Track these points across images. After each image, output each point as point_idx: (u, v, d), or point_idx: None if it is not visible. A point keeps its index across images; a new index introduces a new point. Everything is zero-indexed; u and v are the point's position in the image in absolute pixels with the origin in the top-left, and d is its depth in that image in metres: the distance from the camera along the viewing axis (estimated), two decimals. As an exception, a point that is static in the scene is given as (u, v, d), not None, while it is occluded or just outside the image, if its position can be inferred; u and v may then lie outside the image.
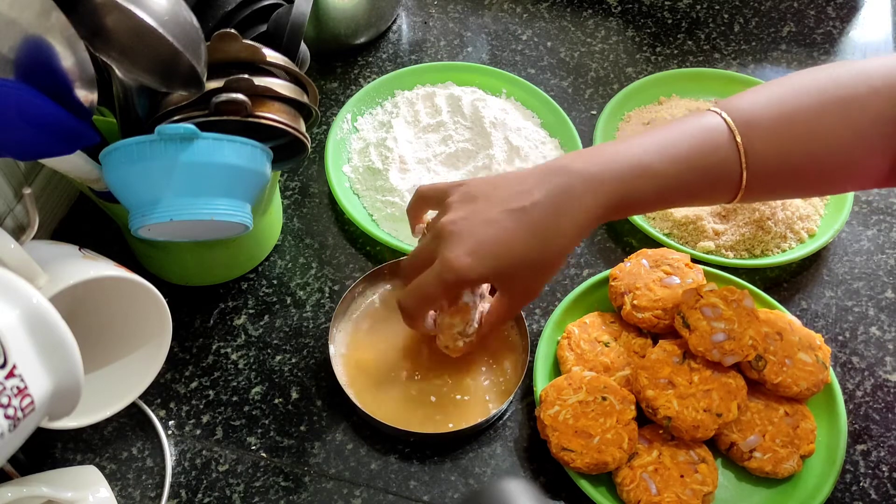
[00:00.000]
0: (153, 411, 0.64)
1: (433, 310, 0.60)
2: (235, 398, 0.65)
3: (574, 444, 0.59)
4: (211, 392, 0.66)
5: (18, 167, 0.67)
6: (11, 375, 0.38)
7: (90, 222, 0.75)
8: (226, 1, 0.56)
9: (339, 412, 0.64)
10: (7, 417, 0.38)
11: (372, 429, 0.63)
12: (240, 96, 0.52)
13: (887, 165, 0.53)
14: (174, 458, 0.62)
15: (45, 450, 0.62)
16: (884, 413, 0.65)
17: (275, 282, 0.72)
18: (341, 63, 0.90)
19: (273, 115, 0.54)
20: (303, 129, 0.57)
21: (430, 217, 0.60)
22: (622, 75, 0.89)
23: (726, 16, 0.96)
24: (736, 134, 0.52)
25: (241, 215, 0.55)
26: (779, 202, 0.74)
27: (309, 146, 0.59)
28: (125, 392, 0.57)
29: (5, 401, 0.37)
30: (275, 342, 0.69)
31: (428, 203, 0.60)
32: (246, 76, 0.52)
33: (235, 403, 0.65)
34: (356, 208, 0.75)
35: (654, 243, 0.73)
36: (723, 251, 0.73)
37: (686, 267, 0.68)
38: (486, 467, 0.62)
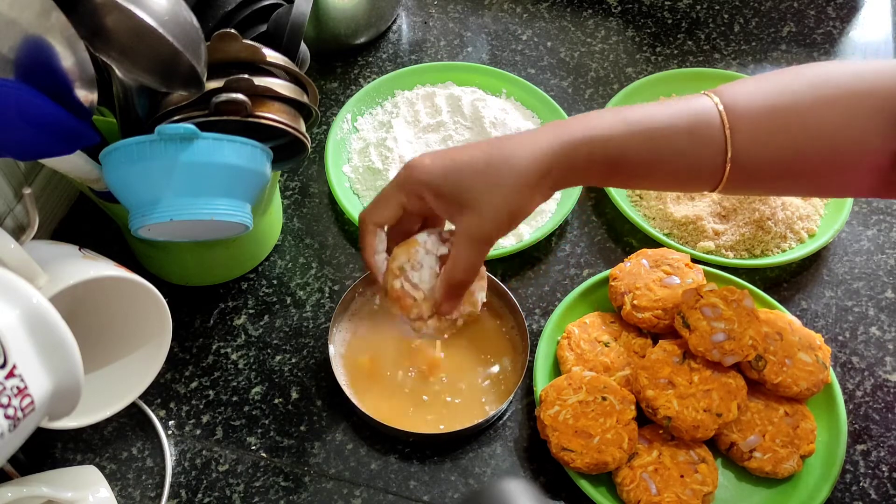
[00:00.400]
0: (153, 411, 0.64)
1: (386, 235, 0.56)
2: (235, 398, 0.65)
3: (574, 444, 0.59)
4: (211, 392, 0.66)
5: (18, 167, 0.67)
6: (11, 375, 0.38)
7: (90, 222, 0.75)
8: (226, 1, 0.56)
9: (339, 412, 0.64)
10: (7, 417, 0.38)
11: (372, 429, 0.63)
12: (240, 96, 0.52)
13: (880, 165, 0.53)
14: (174, 458, 0.62)
15: (45, 450, 0.62)
16: (884, 413, 0.65)
17: (275, 282, 0.72)
18: (341, 63, 0.90)
19: (273, 115, 0.54)
20: (303, 129, 0.57)
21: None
22: (622, 75, 0.89)
23: (726, 16, 0.96)
24: (723, 116, 0.52)
25: (241, 215, 0.55)
26: (778, 202, 0.74)
27: (309, 146, 0.59)
28: (125, 392, 0.57)
29: (5, 401, 0.37)
30: (275, 342, 0.69)
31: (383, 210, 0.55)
32: (246, 76, 0.52)
33: (235, 403, 0.65)
34: (356, 208, 0.75)
35: (654, 243, 0.73)
36: (723, 251, 0.73)
37: (686, 267, 0.68)
38: (486, 467, 0.62)
